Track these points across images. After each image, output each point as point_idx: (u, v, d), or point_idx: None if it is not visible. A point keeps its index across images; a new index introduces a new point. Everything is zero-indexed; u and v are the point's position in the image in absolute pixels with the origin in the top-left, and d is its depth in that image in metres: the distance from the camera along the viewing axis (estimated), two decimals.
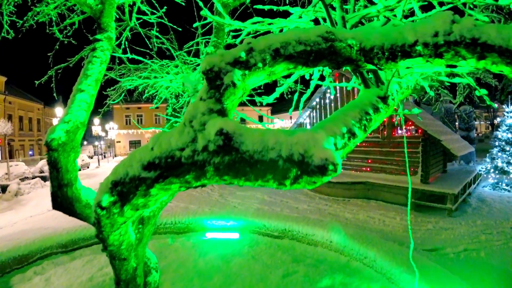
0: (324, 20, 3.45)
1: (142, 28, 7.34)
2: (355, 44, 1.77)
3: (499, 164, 18.45)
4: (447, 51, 1.62)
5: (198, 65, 7.50)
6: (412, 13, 3.00)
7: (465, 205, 15.09)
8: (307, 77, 4.65)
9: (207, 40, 6.64)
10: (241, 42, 3.21)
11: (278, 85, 7.21)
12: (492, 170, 18.85)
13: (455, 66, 1.72)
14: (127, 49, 7.00)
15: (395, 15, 2.60)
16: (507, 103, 19.78)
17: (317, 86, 19.86)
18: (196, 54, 7.43)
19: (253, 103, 8.51)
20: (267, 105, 76.62)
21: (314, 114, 21.90)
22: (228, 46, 6.27)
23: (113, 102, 8.43)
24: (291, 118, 64.90)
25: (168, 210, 15.51)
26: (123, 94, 8.38)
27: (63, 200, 4.15)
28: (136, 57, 6.60)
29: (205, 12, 2.85)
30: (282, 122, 66.78)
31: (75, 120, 4.01)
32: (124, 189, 2.02)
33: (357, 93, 18.47)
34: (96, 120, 47.03)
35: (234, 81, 1.64)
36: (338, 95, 19.71)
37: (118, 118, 60.00)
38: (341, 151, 1.65)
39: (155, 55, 7.59)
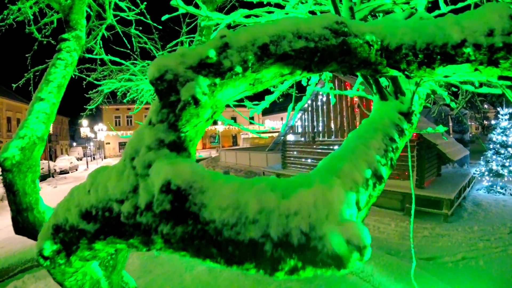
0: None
1: (125, 27, 6.84)
2: (375, 41, 1.25)
3: (494, 167, 18.17)
4: (506, 58, 1.13)
5: None
6: (432, 8, 2.50)
7: (461, 210, 14.74)
8: (304, 83, 4.15)
9: (192, 39, 6.12)
10: None
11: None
12: (486, 173, 18.57)
13: (510, 78, 1.23)
14: (102, 49, 6.47)
15: (414, 8, 2.11)
16: (501, 106, 19.54)
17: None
18: None
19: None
20: (256, 104, 75.86)
21: (306, 116, 21.39)
22: None
23: (91, 107, 7.88)
24: (282, 119, 64.39)
25: None
26: (101, 99, 7.83)
27: (25, 225, 3.62)
28: (113, 58, 6.06)
29: (175, 1, 2.32)
30: (273, 123, 66.24)
31: (31, 135, 3.43)
32: (66, 238, 1.48)
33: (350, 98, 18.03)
34: (85, 122, 46.28)
35: (196, 96, 1.08)
36: (330, 98, 19.17)
37: (107, 119, 59.05)
38: (364, 209, 1.13)
39: (138, 57, 7.08)
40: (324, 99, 19.77)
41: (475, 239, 11.54)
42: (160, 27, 6.77)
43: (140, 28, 6.98)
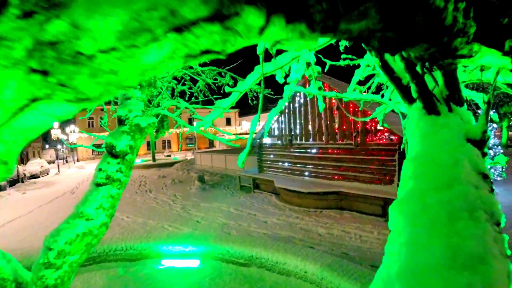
0: None
1: None
2: None
3: None
4: None
5: None
6: None
7: None
8: (280, 79, 3.27)
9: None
10: None
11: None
12: None
13: None
14: None
15: None
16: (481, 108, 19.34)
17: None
18: None
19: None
20: (233, 107, 75.03)
21: (283, 118, 20.61)
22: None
23: None
24: (259, 121, 63.47)
25: (124, 227, 13.96)
26: None
27: None
28: None
29: None
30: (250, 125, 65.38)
31: None
32: None
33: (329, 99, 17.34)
34: (56, 123, 44.44)
35: None
36: (308, 99, 18.36)
37: (80, 120, 56.97)
38: None
39: None
40: (302, 100, 18.97)
41: None
42: None
43: None
